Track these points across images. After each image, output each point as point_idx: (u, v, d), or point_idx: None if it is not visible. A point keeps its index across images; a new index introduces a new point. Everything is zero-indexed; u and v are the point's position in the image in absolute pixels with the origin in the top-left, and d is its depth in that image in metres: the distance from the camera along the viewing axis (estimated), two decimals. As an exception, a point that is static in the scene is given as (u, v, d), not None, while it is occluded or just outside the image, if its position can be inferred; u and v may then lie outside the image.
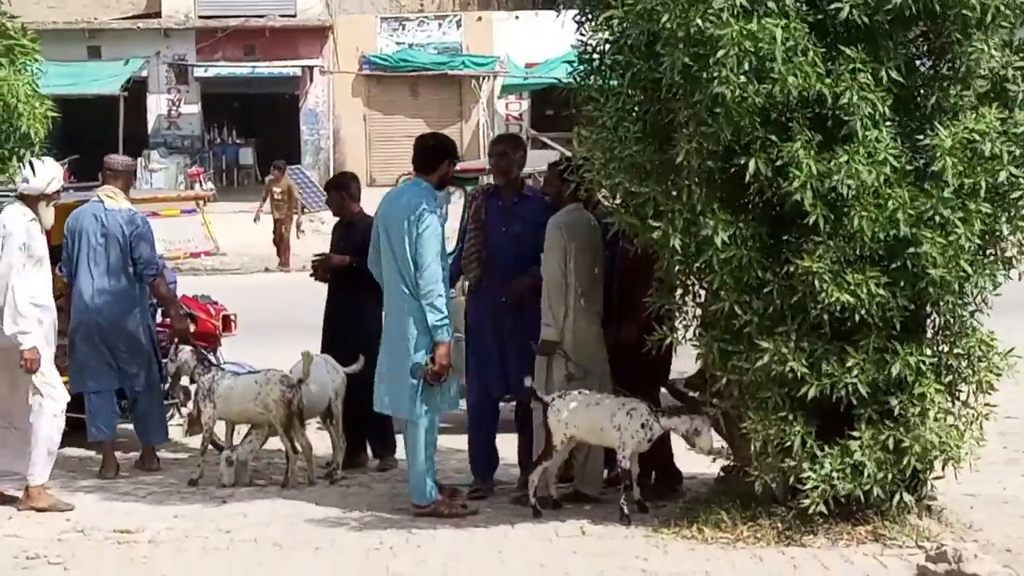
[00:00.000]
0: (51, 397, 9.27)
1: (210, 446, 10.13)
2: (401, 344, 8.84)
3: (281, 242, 26.91)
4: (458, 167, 12.83)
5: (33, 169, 9.13)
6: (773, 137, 7.76)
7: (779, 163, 7.71)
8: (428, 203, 8.79)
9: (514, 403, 9.58)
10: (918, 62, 8.27)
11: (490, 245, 9.41)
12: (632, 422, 8.57)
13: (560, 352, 8.99)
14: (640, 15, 7.86)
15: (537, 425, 9.00)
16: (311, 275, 10.74)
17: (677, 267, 8.22)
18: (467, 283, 9.75)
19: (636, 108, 8.23)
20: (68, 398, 9.46)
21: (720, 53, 7.56)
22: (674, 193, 7.99)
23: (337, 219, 10.82)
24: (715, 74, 7.59)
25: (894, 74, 7.76)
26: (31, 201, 9.38)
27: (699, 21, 7.60)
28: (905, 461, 7.89)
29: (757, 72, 7.61)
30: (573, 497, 9.09)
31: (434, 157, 9.04)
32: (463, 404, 9.61)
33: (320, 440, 10.45)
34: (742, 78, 7.59)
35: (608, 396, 8.76)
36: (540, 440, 8.96)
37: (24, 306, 9.14)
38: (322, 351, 10.37)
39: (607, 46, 8.44)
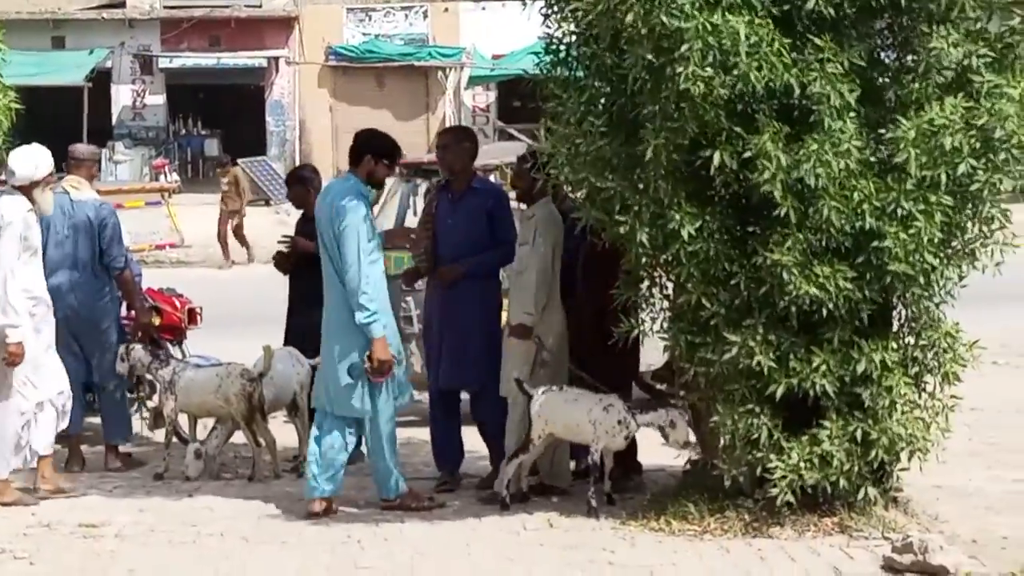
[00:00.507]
0: (21, 394, 9.18)
1: (174, 439, 10.09)
2: (340, 342, 8.76)
3: (222, 237, 26.29)
4: (425, 160, 12.86)
5: (11, 160, 9.05)
6: (739, 130, 7.77)
7: (746, 156, 7.71)
8: (349, 199, 8.67)
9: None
10: (883, 54, 8.29)
11: (438, 238, 9.44)
12: (608, 418, 8.56)
13: (536, 340, 8.99)
14: (603, 13, 7.85)
15: (514, 420, 8.98)
16: (275, 264, 10.70)
17: (644, 259, 8.23)
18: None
19: (603, 101, 8.23)
20: (46, 396, 9.30)
21: (684, 48, 7.55)
22: (640, 187, 7.98)
23: (300, 212, 10.77)
24: (679, 69, 7.59)
25: (857, 60, 7.76)
26: (25, 190, 9.23)
27: (663, 17, 7.58)
28: (873, 453, 7.91)
29: (723, 65, 7.61)
30: (540, 489, 9.07)
31: (358, 152, 8.93)
32: (421, 396, 9.61)
33: (287, 433, 10.42)
34: (708, 71, 7.58)
35: (586, 392, 8.74)
36: (515, 434, 8.94)
37: (16, 299, 9.02)
38: (285, 343, 10.34)
39: (573, 38, 8.43)
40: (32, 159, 9.28)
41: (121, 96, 38.45)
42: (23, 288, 9.10)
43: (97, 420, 10.81)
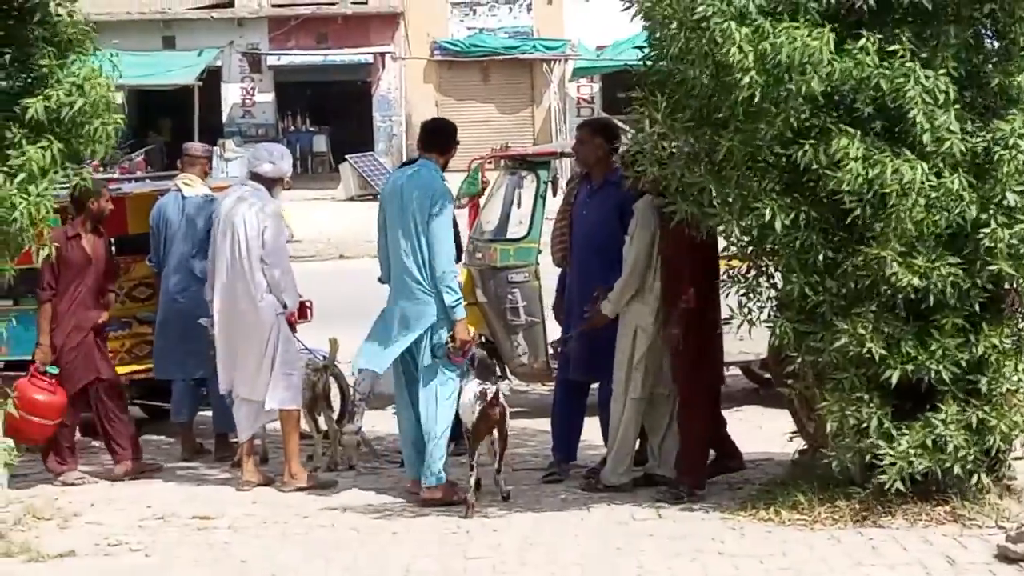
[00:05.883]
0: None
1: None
2: (405, 317, 9.02)
3: None
4: (530, 152, 12.86)
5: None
6: (830, 126, 7.71)
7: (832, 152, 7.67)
8: (443, 186, 9.06)
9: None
10: (987, 41, 8.18)
11: (573, 226, 9.63)
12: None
13: None
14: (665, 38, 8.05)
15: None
16: None
17: (750, 249, 8.21)
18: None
19: (693, 94, 8.19)
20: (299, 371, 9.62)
21: (737, 63, 7.59)
22: (735, 179, 7.95)
23: None
24: (738, 78, 7.61)
25: (951, 66, 7.67)
26: (268, 183, 9.54)
27: (707, 47, 7.70)
28: (989, 440, 7.82)
29: (787, 70, 7.59)
30: (647, 480, 9.07)
31: (449, 140, 9.29)
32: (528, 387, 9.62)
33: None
34: (766, 79, 7.60)
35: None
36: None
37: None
38: None
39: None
40: (280, 156, 9.65)
41: (231, 94, 38.89)
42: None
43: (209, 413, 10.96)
